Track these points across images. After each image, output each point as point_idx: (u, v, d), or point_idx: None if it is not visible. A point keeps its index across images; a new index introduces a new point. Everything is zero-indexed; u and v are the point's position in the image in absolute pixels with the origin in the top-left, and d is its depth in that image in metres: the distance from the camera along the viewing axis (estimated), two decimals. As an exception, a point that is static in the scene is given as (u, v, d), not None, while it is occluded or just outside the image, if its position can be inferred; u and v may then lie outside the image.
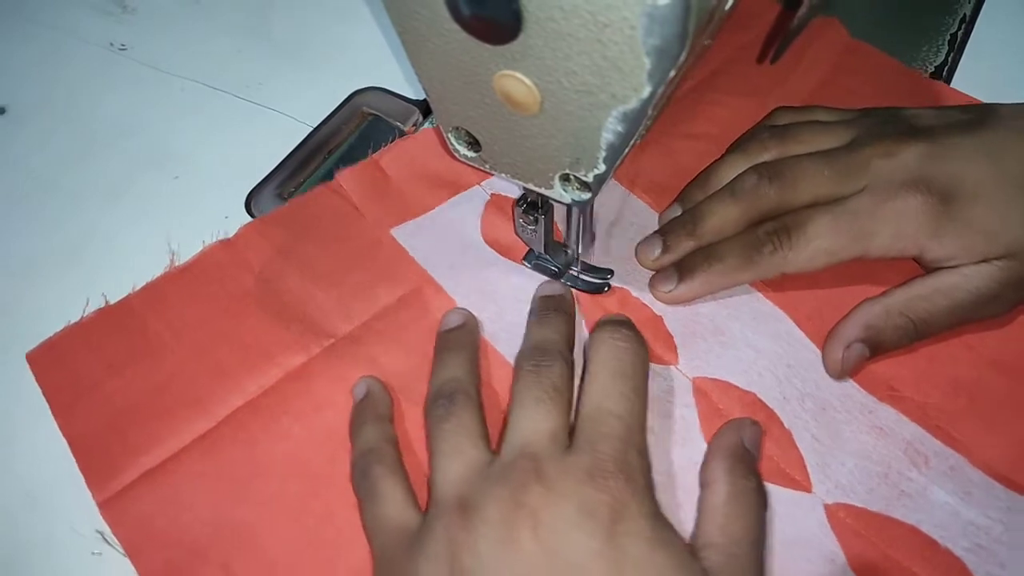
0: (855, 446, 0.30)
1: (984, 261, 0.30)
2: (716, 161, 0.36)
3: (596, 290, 0.35)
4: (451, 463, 0.27)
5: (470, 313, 0.33)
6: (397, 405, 0.32)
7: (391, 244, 0.36)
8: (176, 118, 0.43)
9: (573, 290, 0.34)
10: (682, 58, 0.20)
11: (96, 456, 0.30)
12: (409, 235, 0.36)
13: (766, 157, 0.34)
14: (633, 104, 0.22)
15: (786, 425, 0.31)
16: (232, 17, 0.48)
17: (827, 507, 0.29)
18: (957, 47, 0.44)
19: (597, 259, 0.35)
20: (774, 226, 0.32)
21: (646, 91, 0.21)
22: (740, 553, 0.26)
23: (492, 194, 0.38)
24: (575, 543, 0.24)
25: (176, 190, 0.39)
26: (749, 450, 0.29)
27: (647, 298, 0.34)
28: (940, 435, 0.31)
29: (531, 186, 0.28)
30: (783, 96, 0.40)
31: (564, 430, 0.27)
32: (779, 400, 0.31)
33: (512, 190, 0.38)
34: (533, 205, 0.32)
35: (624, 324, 0.30)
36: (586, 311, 0.34)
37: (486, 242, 0.36)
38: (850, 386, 0.32)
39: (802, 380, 0.32)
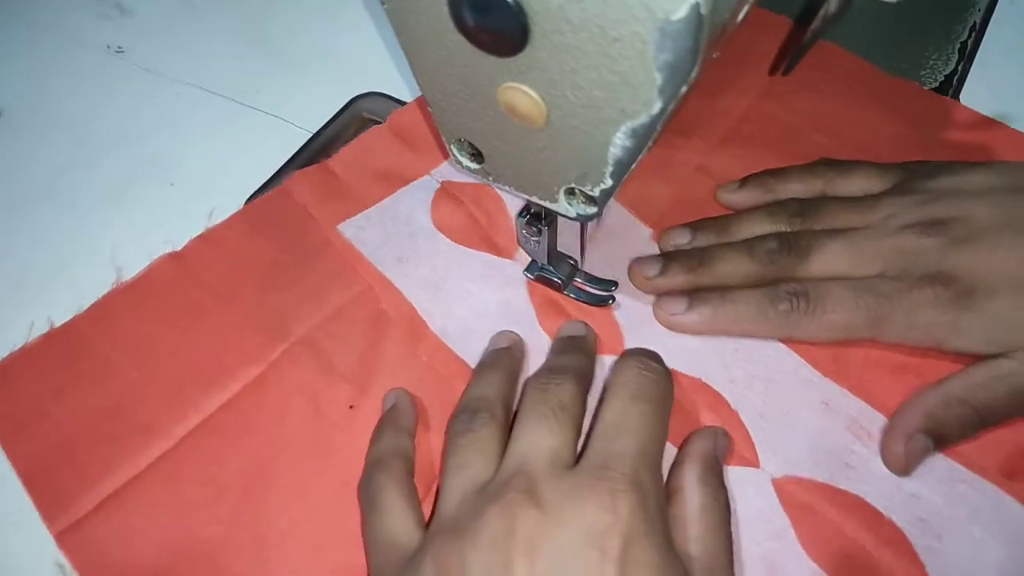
0: (801, 422, 0.31)
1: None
2: (739, 214, 0.35)
3: (600, 302, 0.34)
4: (455, 479, 0.27)
5: (518, 336, 0.33)
6: (357, 408, 0.31)
7: (340, 242, 0.36)
8: (173, 122, 0.42)
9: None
10: (694, 73, 0.19)
11: (48, 487, 0.29)
12: (358, 229, 0.36)
13: (790, 228, 0.34)
14: (643, 119, 0.21)
15: (732, 407, 0.31)
16: (230, 21, 0.47)
17: (775, 481, 0.29)
18: (967, 55, 0.43)
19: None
20: (796, 288, 0.31)
21: (656, 107, 0.20)
22: (718, 567, 0.25)
23: (442, 182, 0.38)
24: (573, 570, 0.23)
25: (172, 196, 0.39)
26: (719, 460, 0.28)
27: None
28: (884, 411, 0.31)
29: (535, 199, 0.28)
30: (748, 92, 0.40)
31: (568, 449, 0.26)
32: (726, 383, 0.32)
33: (463, 176, 0.37)
34: (536, 217, 0.32)
35: (653, 356, 0.30)
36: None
37: (437, 228, 0.36)
38: (797, 362, 0.32)
39: (750, 362, 0.32)
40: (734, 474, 0.30)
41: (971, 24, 0.45)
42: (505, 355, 0.31)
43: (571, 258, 0.34)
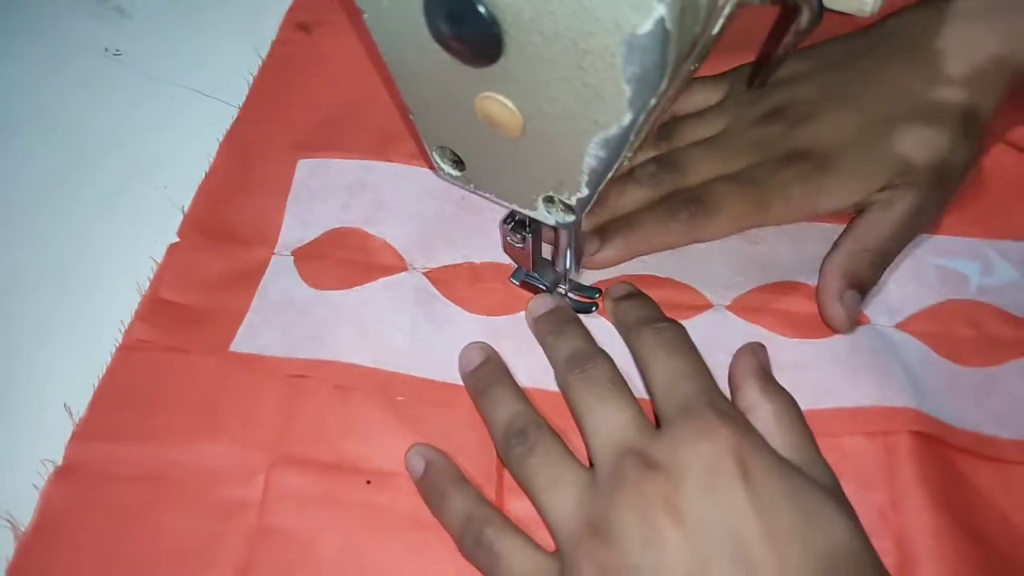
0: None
1: (882, 190, 0.33)
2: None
3: (584, 309, 0.34)
4: (557, 494, 0.27)
5: (487, 345, 0.33)
6: (374, 482, 0.30)
7: (238, 361, 0.33)
8: (170, 126, 0.42)
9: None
10: (663, 86, 0.20)
11: None
12: (249, 340, 0.33)
13: (659, 152, 0.37)
14: (615, 131, 0.21)
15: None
16: (229, 25, 0.47)
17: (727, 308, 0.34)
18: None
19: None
20: (689, 195, 0.34)
21: (627, 118, 0.21)
22: (810, 462, 0.27)
23: (292, 253, 0.36)
24: (718, 508, 0.24)
25: (168, 200, 0.39)
26: (767, 369, 0.30)
27: None
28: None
29: (515, 207, 0.28)
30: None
31: (643, 415, 0.28)
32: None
33: (307, 237, 0.37)
34: (521, 223, 0.32)
35: (647, 307, 0.32)
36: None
37: (320, 290, 0.35)
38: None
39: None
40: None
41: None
42: (492, 367, 0.32)
43: (555, 265, 0.34)
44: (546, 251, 0.34)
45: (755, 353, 0.31)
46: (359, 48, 0.44)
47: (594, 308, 0.34)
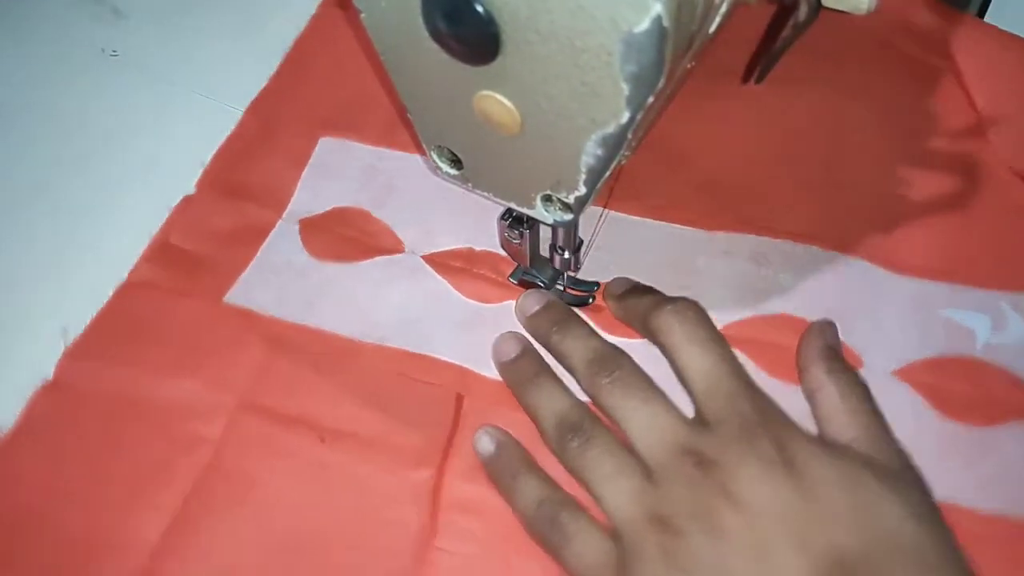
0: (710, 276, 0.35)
1: None
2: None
3: (581, 303, 0.34)
4: (618, 485, 0.28)
5: (522, 335, 0.33)
6: (332, 452, 0.31)
7: (229, 311, 0.34)
8: (167, 126, 0.42)
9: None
10: (660, 83, 0.20)
11: None
12: (244, 294, 0.35)
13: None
14: (612, 129, 0.21)
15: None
16: (225, 24, 0.47)
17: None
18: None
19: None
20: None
21: (625, 116, 0.21)
22: (878, 436, 0.28)
23: (299, 222, 0.37)
24: (771, 494, 0.25)
25: (164, 199, 0.39)
26: (836, 348, 0.31)
27: None
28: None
29: (513, 205, 0.28)
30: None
31: (676, 408, 0.29)
32: None
33: (315, 208, 0.38)
34: (518, 220, 0.32)
35: (669, 299, 0.32)
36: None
37: (319, 259, 0.36)
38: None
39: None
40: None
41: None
42: (531, 359, 0.32)
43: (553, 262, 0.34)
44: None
45: (823, 333, 0.31)
46: None
47: (591, 300, 0.34)
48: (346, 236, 0.37)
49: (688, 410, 0.29)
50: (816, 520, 0.25)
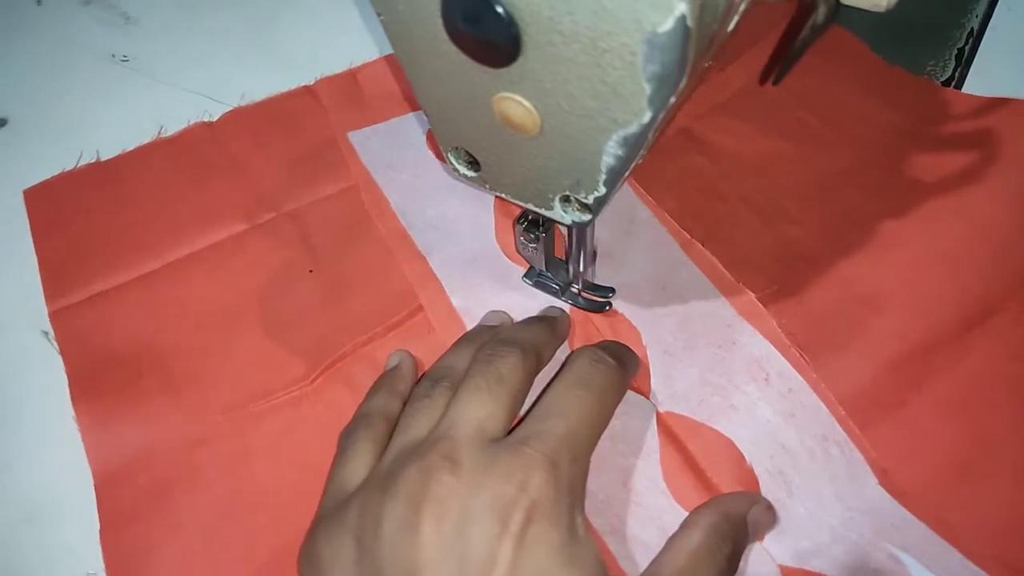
0: (703, 357, 0.32)
1: None
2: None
3: (597, 308, 0.34)
4: (400, 437, 0.28)
5: (507, 316, 0.34)
6: (316, 272, 0.36)
7: (345, 145, 0.41)
8: (177, 130, 0.42)
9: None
10: (682, 84, 0.20)
11: (57, 278, 0.36)
12: (364, 139, 0.41)
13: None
14: (634, 129, 0.21)
15: (643, 342, 0.33)
16: (234, 29, 0.47)
17: (658, 413, 0.31)
18: (965, 62, 0.43)
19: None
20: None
21: (647, 116, 0.21)
22: None
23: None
24: (477, 541, 0.23)
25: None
26: (747, 524, 0.28)
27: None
28: (790, 357, 0.32)
29: (531, 207, 0.28)
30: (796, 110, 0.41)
31: (497, 422, 0.27)
32: (646, 320, 0.34)
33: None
34: (534, 223, 0.32)
35: (610, 348, 0.30)
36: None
37: (429, 150, 0.40)
38: (720, 303, 0.34)
39: (675, 298, 0.34)
40: (629, 397, 0.31)
41: (969, 30, 0.45)
42: (488, 333, 0.32)
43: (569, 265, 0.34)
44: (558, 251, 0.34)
45: (752, 502, 0.28)
46: None
47: (607, 307, 0.34)
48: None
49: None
50: None
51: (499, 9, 0.20)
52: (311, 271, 0.36)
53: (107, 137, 0.42)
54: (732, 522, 0.27)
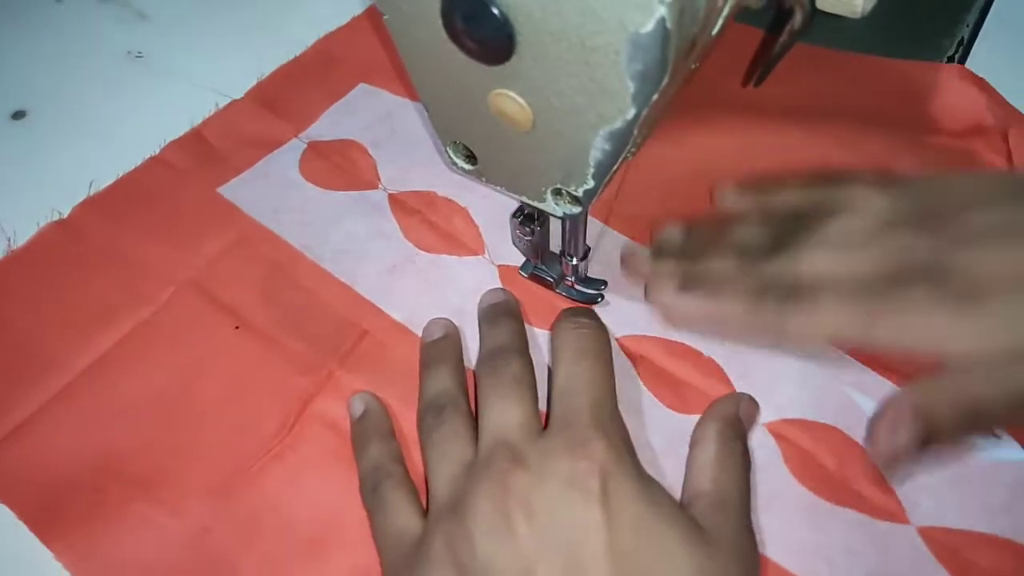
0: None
1: None
2: (733, 217, 0.33)
3: (591, 300, 0.36)
4: (442, 467, 0.29)
5: (451, 323, 0.35)
6: (242, 328, 0.35)
7: (219, 201, 0.40)
8: (192, 126, 0.44)
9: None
10: (664, 82, 0.21)
11: None
12: (234, 190, 0.40)
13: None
14: (619, 125, 0.23)
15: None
16: (249, 25, 0.49)
17: (618, 340, 0.35)
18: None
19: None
20: (786, 287, 0.28)
21: (631, 112, 0.22)
22: (728, 501, 0.28)
23: (309, 142, 0.42)
24: (568, 518, 0.25)
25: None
26: (741, 419, 0.31)
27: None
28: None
29: (525, 199, 0.29)
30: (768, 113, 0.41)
31: (534, 417, 0.29)
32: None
33: (331, 134, 0.43)
34: (529, 217, 0.33)
35: (581, 312, 0.33)
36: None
37: (306, 180, 0.41)
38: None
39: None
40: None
41: (960, 39, 0.46)
42: (446, 344, 0.33)
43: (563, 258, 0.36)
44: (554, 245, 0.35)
45: (737, 401, 0.31)
46: None
47: (600, 299, 0.36)
48: (338, 165, 0.41)
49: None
50: (603, 555, 0.24)
51: (495, 10, 0.21)
52: (237, 327, 0.35)
53: (121, 129, 0.43)
54: (731, 423, 0.30)
